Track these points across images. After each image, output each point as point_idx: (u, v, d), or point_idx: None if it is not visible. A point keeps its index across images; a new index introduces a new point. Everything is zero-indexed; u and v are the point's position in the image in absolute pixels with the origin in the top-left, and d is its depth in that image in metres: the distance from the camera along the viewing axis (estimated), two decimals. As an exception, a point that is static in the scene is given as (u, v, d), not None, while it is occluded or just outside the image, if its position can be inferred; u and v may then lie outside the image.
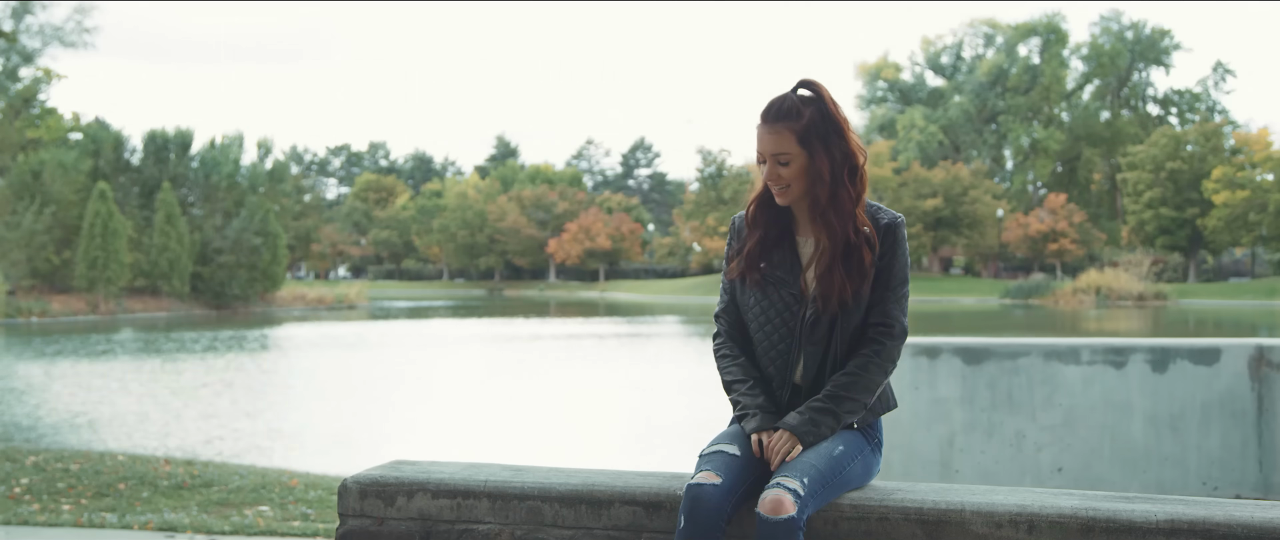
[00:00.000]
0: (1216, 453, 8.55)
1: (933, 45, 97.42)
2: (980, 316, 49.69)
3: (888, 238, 3.35)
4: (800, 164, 3.30)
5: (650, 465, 12.20)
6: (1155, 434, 8.62)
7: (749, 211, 3.48)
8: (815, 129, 3.30)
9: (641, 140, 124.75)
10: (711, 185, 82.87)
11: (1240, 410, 8.51)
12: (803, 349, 3.35)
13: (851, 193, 3.33)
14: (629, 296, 79.26)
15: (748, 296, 3.44)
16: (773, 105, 3.34)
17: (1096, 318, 48.82)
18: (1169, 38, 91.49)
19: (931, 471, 8.89)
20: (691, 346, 31.97)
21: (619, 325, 42.42)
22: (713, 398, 18.85)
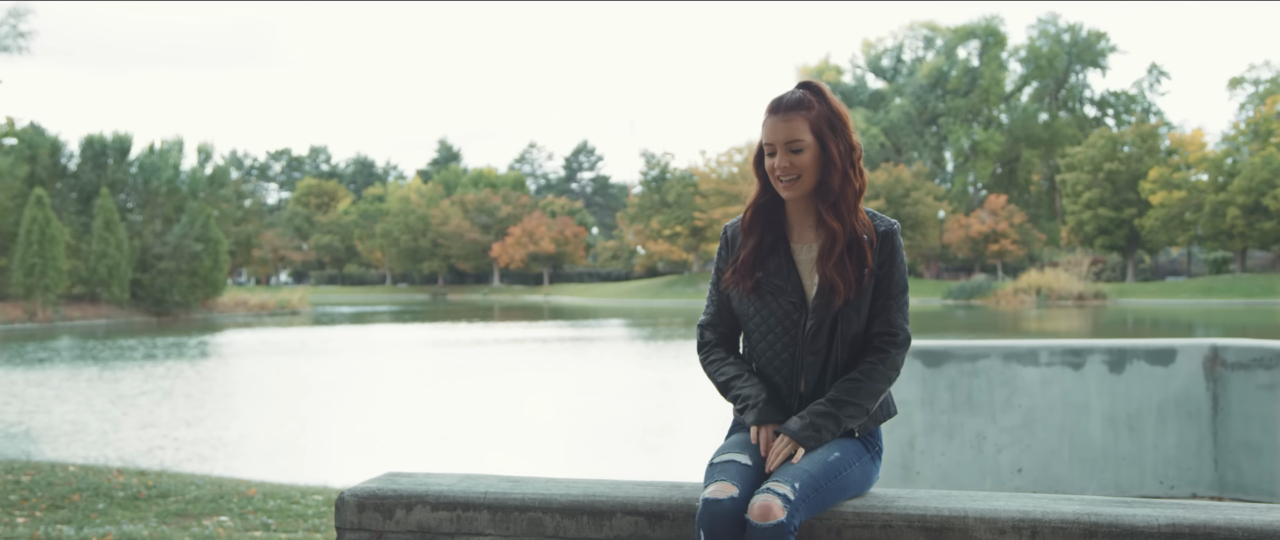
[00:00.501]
0: (1173, 452, 8.65)
1: (873, 48, 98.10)
2: (923, 317, 50.04)
3: (887, 244, 3.35)
4: (814, 152, 3.31)
5: (599, 471, 12.13)
6: (1113, 434, 8.71)
7: (745, 217, 3.45)
8: (825, 119, 3.32)
9: (584, 143, 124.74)
10: (655, 188, 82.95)
11: (1196, 410, 8.61)
12: (804, 358, 3.33)
13: (856, 186, 3.35)
14: (573, 300, 79.18)
15: (747, 306, 3.41)
16: (781, 98, 3.35)
17: (1038, 318, 49.32)
18: (1105, 40, 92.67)
19: (892, 474, 8.93)
20: (636, 350, 31.97)
21: (564, 329, 42.36)
22: (658, 400, 18.93)
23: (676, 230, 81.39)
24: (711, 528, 2.97)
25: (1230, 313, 51.52)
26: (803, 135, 3.30)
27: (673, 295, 75.33)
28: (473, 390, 21.13)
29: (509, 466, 12.48)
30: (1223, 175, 72.77)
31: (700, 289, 76.65)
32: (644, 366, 25.97)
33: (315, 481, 11.09)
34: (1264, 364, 8.40)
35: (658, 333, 39.42)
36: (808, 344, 3.32)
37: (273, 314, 58.78)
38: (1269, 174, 68.91)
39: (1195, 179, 73.64)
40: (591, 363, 27.18)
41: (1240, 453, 8.47)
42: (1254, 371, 8.42)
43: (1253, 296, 61.92)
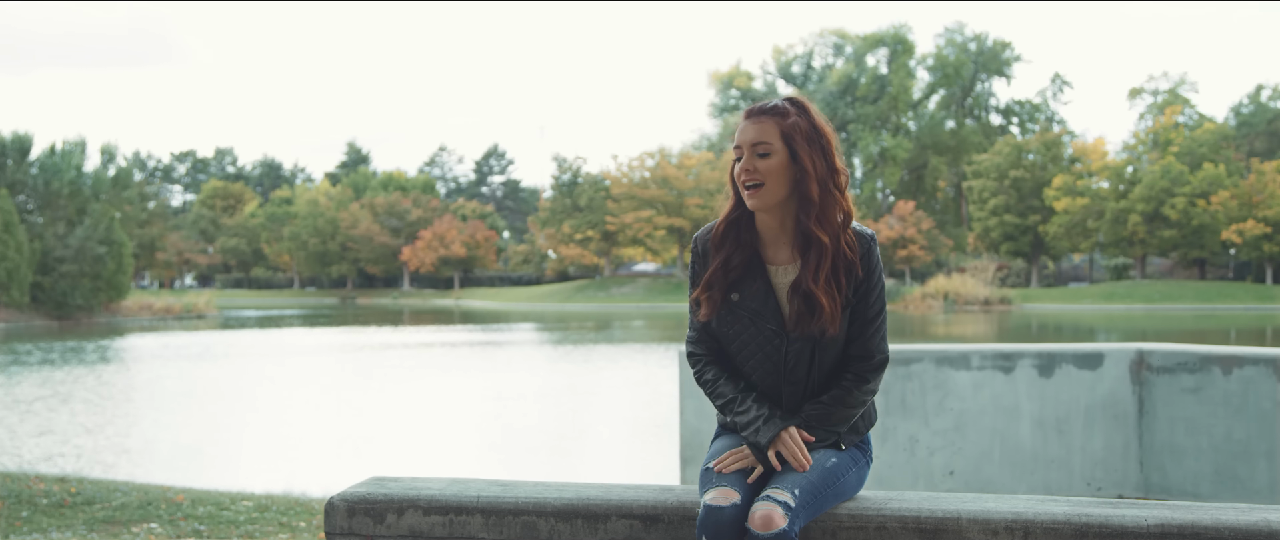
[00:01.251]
0: (1100, 454, 8.82)
1: (784, 54, 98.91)
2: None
3: (867, 261, 3.25)
4: (782, 160, 3.19)
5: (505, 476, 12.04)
6: (1042, 436, 8.87)
7: (717, 230, 3.32)
8: (800, 129, 3.20)
9: (495, 147, 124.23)
10: (567, 192, 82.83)
11: (1122, 413, 8.80)
12: (784, 383, 3.27)
13: (840, 205, 3.21)
14: (484, 304, 78.82)
15: (726, 329, 3.30)
16: (753, 106, 3.26)
17: (945, 322, 50.03)
18: (1010, 50, 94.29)
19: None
20: (546, 354, 31.89)
21: (474, 333, 42.14)
22: (568, 405, 18.87)
23: (588, 235, 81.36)
24: (714, 534, 2.96)
25: (1130, 318, 52.64)
26: (771, 139, 3.19)
27: (584, 300, 75.29)
28: (382, 395, 20.92)
29: (417, 471, 12.44)
30: (1124, 183, 74.41)
31: (612, 293, 76.72)
32: (554, 371, 25.92)
33: (229, 488, 10.93)
34: (1188, 368, 8.60)
35: (568, 337, 39.40)
36: (787, 374, 3.25)
37: (178, 318, 57.77)
38: (1168, 183, 70.56)
39: (1097, 187, 75.21)
40: (501, 367, 27.03)
41: (1165, 455, 8.67)
42: (1178, 376, 8.63)
43: (1152, 302, 63.32)
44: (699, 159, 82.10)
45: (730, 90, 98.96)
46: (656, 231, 79.29)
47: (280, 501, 9.60)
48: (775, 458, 3.15)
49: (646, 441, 15.19)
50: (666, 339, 37.64)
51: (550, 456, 14.17)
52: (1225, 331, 40.67)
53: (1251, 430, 8.34)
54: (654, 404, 18.78)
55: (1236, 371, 8.41)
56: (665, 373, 24.44)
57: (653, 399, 19.55)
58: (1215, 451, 8.46)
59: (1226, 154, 74.39)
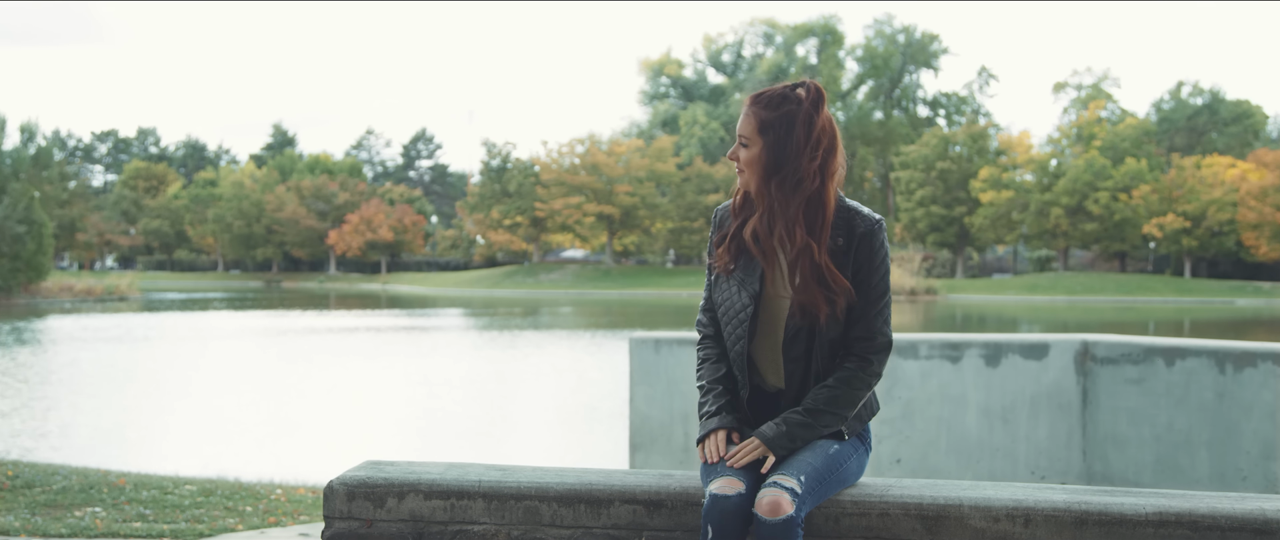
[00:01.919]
0: (1044, 443, 8.94)
1: (714, 43, 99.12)
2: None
3: (866, 245, 3.26)
4: (756, 151, 3.25)
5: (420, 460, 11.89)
6: (988, 425, 8.97)
7: (736, 200, 3.40)
8: (784, 124, 3.22)
9: (423, 131, 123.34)
10: (496, 178, 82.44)
11: (1066, 402, 8.92)
12: (782, 358, 3.31)
13: (822, 198, 3.24)
14: (411, 289, 78.31)
15: (721, 293, 3.39)
16: (762, 89, 3.31)
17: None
18: (937, 42, 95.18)
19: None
20: (471, 340, 31.70)
21: (400, 318, 41.84)
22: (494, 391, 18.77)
23: (517, 220, 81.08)
24: (720, 523, 2.98)
25: (1053, 310, 53.39)
26: (749, 131, 3.27)
27: (513, 285, 75.05)
28: (303, 378, 20.70)
29: (338, 458, 12.34)
30: (1048, 177, 75.44)
31: (540, 280, 76.56)
32: (479, 357, 25.78)
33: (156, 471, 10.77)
34: (1132, 359, 8.74)
35: (495, 322, 39.22)
36: (787, 348, 3.28)
37: (100, 300, 56.82)
38: (1091, 177, 71.67)
39: (1022, 179, 76.21)
40: (426, 352, 26.83)
41: (1108, 444, 8.80)
42: (1122, 366, 8.76)
43: (1074, 294, 64.26)
44: (629, 146, 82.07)
45: (660, 78, 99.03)
46: (586, 218, 79.19)
47: (224, 486, 9.49)
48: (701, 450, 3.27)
49: (582, 427, 15.15)
50: (595, 326, 37.66)
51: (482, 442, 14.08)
52: (1144, 323, 41.40)
53: (1193, 421, 8.50)
54: (582, 390, 18.77)
55: (1179, 363, 8.56)
56: (593, 359, 24.45)
57: (580, 385, 19.53)
58: (1157, 441, 8.61)
59: (1148, 149, 75.72)
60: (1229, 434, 8.40)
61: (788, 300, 3.28)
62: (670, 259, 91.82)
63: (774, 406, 3.34)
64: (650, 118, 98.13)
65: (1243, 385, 8.38)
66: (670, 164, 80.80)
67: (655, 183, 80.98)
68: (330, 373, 21.77)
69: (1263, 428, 8.31)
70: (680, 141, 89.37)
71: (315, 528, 7.83)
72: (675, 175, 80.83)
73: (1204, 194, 70.01)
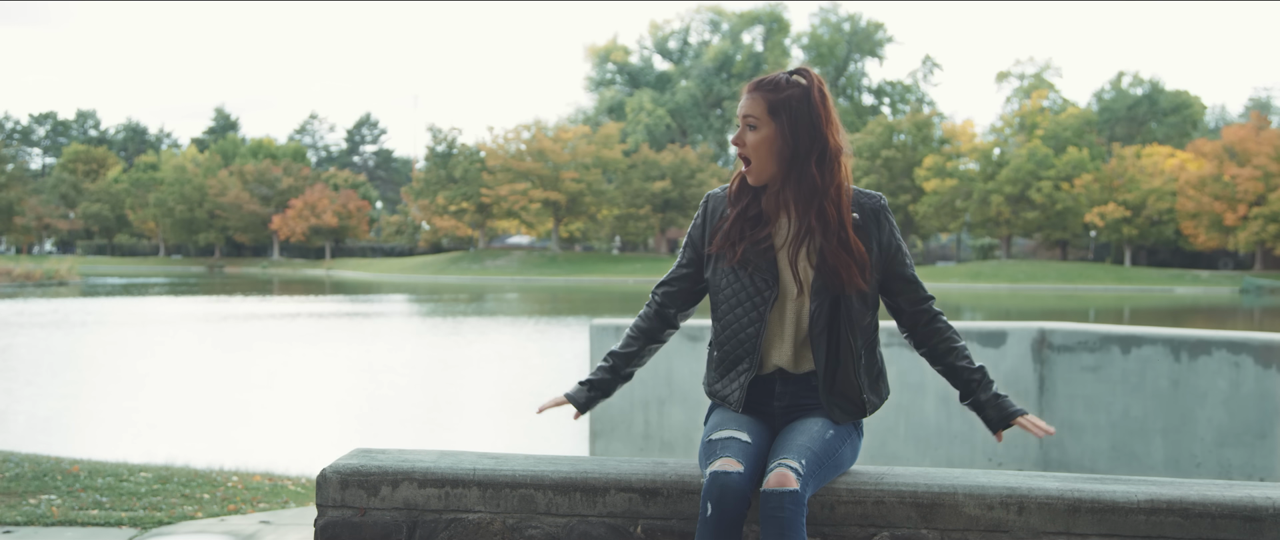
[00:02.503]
0: (1000, 430, 9.02)
1: (661, 30, 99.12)
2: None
3: (884, 220, 3.36)
4: (766, 134, 3.28)
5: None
6: (946, 413, 9.04)
7: (732, 186, 3.42)
8: (791, 106, 3.26)
9: (367, 116, 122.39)
10: (441, 163, 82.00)
11: (1024, 389, 9.01)
12: (795, 337, 3.33)
13: (820, 180, 3.28)
14: (356, 275, 77.79)
15: (720, 278, 3.39)
16: (759, 76, 3.34)
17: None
18: (882, 31, 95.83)
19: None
20: (415, 326, 31.50)
21: (344, 304, 41.52)
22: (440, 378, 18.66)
23: (463, 206, 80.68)
24: (720, 500, 2.98)
25: (996, 297, 53.85)
26: (757, 113, 3.28)
27: (458, 271, 74.75)
28: (247, 365, 20.46)
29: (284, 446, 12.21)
30: (991, 165, 76.10)
31: (486, 266, 76.29)
32: (424, 343, 25.63)
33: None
34: (1088, 347, 8.84)
35: (440, 308, 39.02)
36: (811, 324, 3.30)
37: (38, 285, 55.97)
38: (1033, 166, 72.37)
39: (965, 168, 76.82)
40: (371, 338, 26.59)
41: (1064, 431, 8.90)
42: (1078, 354, 8.86)
43: (1016, 282, 64.87)
44: (575, 132, 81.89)
45: (607, 64, 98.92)
46: (532, 204, 78.95)
47: (180, 473, 9.39)
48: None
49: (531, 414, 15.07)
50: (541, 312, 37.59)
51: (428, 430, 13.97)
52: (1085, 311, 41.82)
53: (1148, 408, 8.61)
54: (529, 376, 18.72)
55: (1135, 351, 8.67)
56: (538, 346, 24.38)
57: (525, 372, 19.47)
58: (1113, 428, 8.72)
59: (1089, 139, 76.56)
60: (1184, 421, 8.52)
61: (796, 282, 3.32)
62: (616, 245, 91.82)
63: (790, 388, 3.36)
64: (596, 104, 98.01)
65: (1197, 373, 8.50)
66: (617, 151, 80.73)
67: (602, 169, 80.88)
68: (273, 359, 21.55)
69: (1217, 415, 8.43)
70: (627, 128, 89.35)
71: (276, 515, 7.77)
72: (622, 162, 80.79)
73: (1144, 183, 70.86)
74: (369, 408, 15.56)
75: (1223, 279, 64.89)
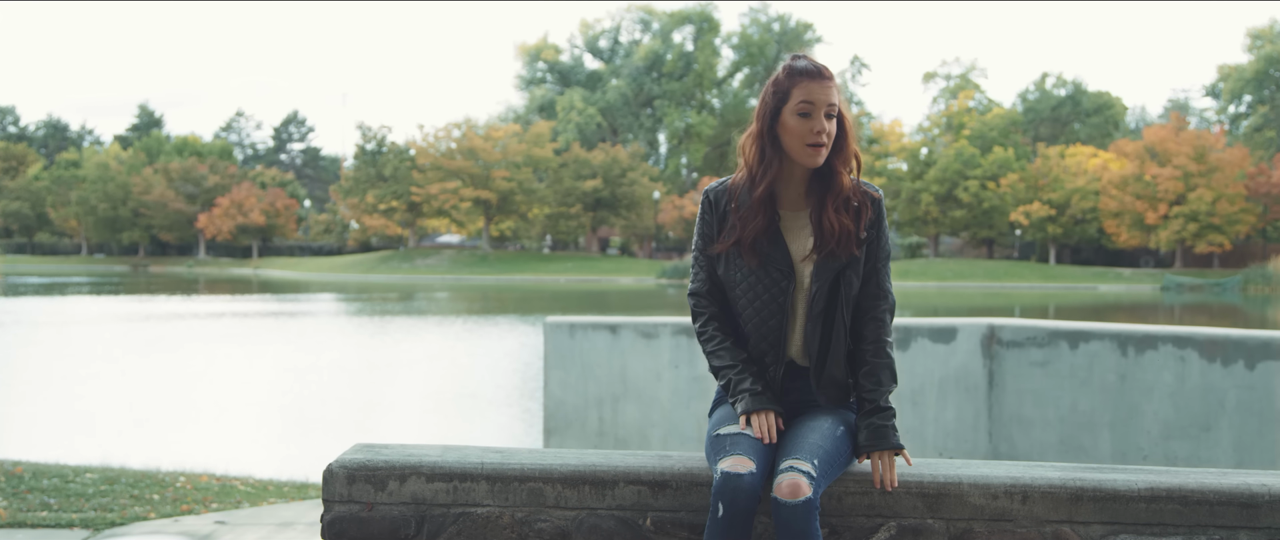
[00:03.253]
0: (952, 425, 9.14)
1: (591, 28, 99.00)
2: (637, 296, 50.98)
3: (876, 210, 3.41)
4: (837, 119, 3.35)
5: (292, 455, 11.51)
6: (898, 408, 9.11)
7: (759, 189, 3.38)
8: (839, 88, 3.37)
9: (295, 114, 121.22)
10: (371, 161, 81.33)
11: (973, 385, 9.12)
12: (804, 323, 3.36)
13: (858, 156, 3.43)
14: (284, 274, 77.03)
15: (735, 273, 3.39)
16: (813, 64, 3.34)
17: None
18: (811, 31, 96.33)
19: (689, 449, 9.12)
20: (340, 325, 31.23)
21: (271, 303, 41.05)
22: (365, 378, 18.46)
23: (393, 205, 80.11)
24: (732, 500, 3.00)
25: (925, 295, 54.50)
26: (837, 101, 3.32)
27: (388, 270, 74.26)
28: (163, 367, 20.10)
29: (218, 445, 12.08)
30: (919, 165, 76.89)
31: (416, 264, 75.85)
32: (351, 342, 25.39)
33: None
34: (1037, 343, 8.96)
35: (370, 308, 38.71)
36: (809, 306, 3.33)
37: (-43, 284, 54.95)
38: (960, 165, 73.22)
39: (894, 167, 77.55)
40: (299, 337, 26.30)
41: (1013, 426, 9.03)
42: (1027, 349, 8.98)
43: (944, 280, 65.59)
44: (506, 131, 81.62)
45: (537, 63, 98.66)
46: (462, 203, 78.54)
47: (128, 474, 9.29)
48: (746, 424, 3.25)
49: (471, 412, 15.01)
50: (472, 311, 37.45)
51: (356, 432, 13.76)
52: (1010, 309, 42.39)
53: (1096, 402, 8.75)
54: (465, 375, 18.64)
55: (1083, 346, 8.80)
56: (467, 345, 24.28)
57: (454, 370, 19.39)
58: (1061, 422, 8.85)
59: (1015, 138, 77.60)
60: (1131, 414, 8.67)
61: (805, 269, 3.36)
62: (547, 244, 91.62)
63: (799, 382, 3.40)
64: (527, 103, 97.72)
65: (1144, 367, 8.65)
66: (548, 149, 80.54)
67: (532, 168, 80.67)
68: (199, 359, 21.25)
69: (1162, 408, 8.59)
70: (557, 127, 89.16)
71: (231, 515, 7.71)
72: (553, 161, 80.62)
73: (1068, 183, 71.92)
74: (298, 409, 15.38)
75: (1144, 276, 66.00)
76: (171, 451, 11.61)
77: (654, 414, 9.23)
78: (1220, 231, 66.45)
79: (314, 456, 11.38)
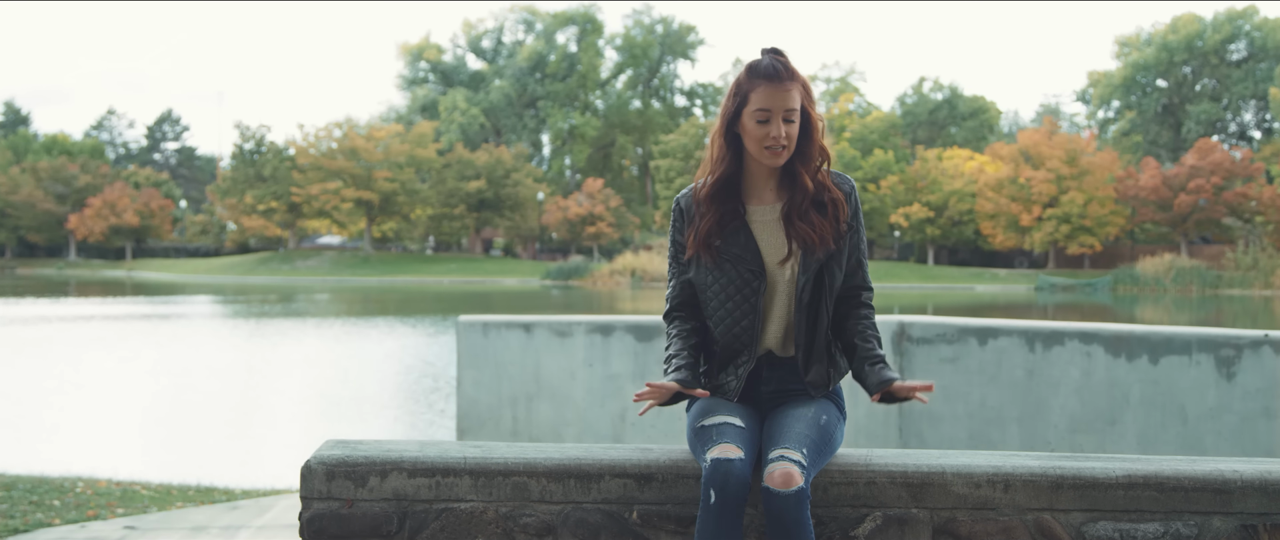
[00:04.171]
0: (863, 421, 9.23)
1: (474, 28, 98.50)
2: (522, 297, 50.83)
3: (851, 203, 3.43)
4: (799, 122, 3.35)
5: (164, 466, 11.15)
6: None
7: (707, 189, 3.43)
8: (805, 89, 3.36)
9: (169, 112, 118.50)
10: (249, 161, 79.89)
11: (884, 381, 9.22)
12: (789, 316, 3.38)
13: (826, 153, 3.43)
14: (159, 276, 75.31)
15: (704, 275, 3.41)
16: (774, 65, 3.33)
17: (633, 298, 50.98)
18: (694, 33, 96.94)
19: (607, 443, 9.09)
20: (217, 327, 30.54)
21: (143, 306, 40.06)
22: (243, 383, 18.05)
23: (272, 206, 78.73)
24: (724, 486, 2.99)
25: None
26: (797, 104, 3.32)
27: (268, 272, 73.07)
28: (34, 372, 19.35)
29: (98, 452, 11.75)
30: (801, 167, 77.80)
31: (296, 266, 74.76)
32: (227, 345, 24.80)
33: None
34: (946, 340, 9.11)
35: (249, 310, 37.95)
36: (796, 299, 3.35)
37: None
38: (842, 167, 74.21)
39: (780, 169, 78.35)
40: (173, 341, 25.60)
41: (923, 422, 9.16)
42: (937, 346, 9.12)
43: (827, 280, 66.29)
44: (388, 131, 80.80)
45: (419, 63, 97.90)
46: (344, 204, 77.55)
47: (24, 481, 9.02)
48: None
49: (355, 416, 14.75)
50: (353, 313, 36.99)
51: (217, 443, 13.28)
52: (889, 308, 43.06)
53: (1004, 397, 8.92)
54: (343, 378, 18.36)
55: (991, 342, 8.96)
56: (345, 347, 23.95)
57: (335, 374, 19.08)
58: (970, 417, 9.00)
59: (894, 141, 78.90)
60: (1038, 409, 8.84)
61: (780, 260, 3.37)
62: (430, 246, 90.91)
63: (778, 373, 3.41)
64: (410, 103, 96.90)
65: (1051, 363, 8.84)
66: (431, 150, 79.90)
67: (415, 169, 79.95)
68: (72, 363, 20.59)
69: (1069, 403, 8.78)
70: (440, 127, 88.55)
71: (140, 520, 7.54)
72: (436, 161, 80.00)
73: (946, 185, 73.35)
74: (176, 414, 14.94)
75: (1019, 277, 67.52)
76: (52, 458, 11.19)
77: (568, 412, 9.20)
78: (1091, 233, 68.25)
79: (206, 460, 11.13)
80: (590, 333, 9.21)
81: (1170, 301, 49.77)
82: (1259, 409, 8.11)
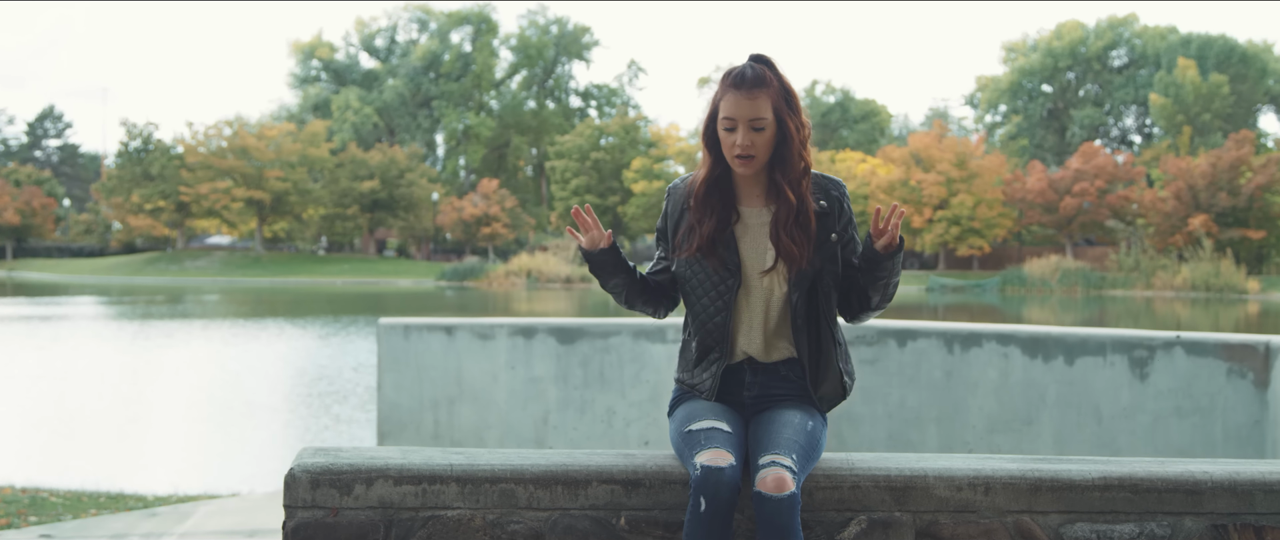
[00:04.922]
0: (784, 422, 9.30)
1: (367, 27, 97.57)
2: (416, 298, 50.44)
3: (844, 203, 3.46)
4: (772, 131, 3.34)
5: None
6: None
7: (700, 192, 3.45)
8: (783, 96, 3.36)
9: (51, 109, 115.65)
10: (136, 160, 78.19)
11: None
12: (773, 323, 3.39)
13: (807, 163, 3.40)
14: (41, 276, 73.49)
15: (685, 269, 3.43)
16: (743, 72, 3.34)
17: (528, 299, 50.88)
18: (589, 34, 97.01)
19: (526, 448, 9.05)
20: (96, 329, 29.80)
21: (24, 307, 39.03)
22: (127, 388, 17.65)
23: (160, 205, 77.16)
24: (714, 494, 3.00)
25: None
26: (765, 113, 3.32)
27: (155, 272, 71.65)
28: None
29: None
30: (696, 168, 78.18)
31: (185, 266, 73.41)
32: (114, 349, 24.18)
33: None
34: (866, 341, 9.20)
35: (135, 312, 37.11)
36: (793, 320, 3.36)
37: None
38: (732, 168, 74.77)
39: (672, 170, 78.67)
40: (49, 344, 24.89)
41: (843, 423, 9.24)
42: (857, 348, 9.21)
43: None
44: (280, 130, 79.67)
45: (311, 61, 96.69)
46: (234, 203, 76.31)
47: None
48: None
49: (244, 422, 14.46)
50: (243, 314, 36.39)
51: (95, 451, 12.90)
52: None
53: (923, 398, 9.04)
54: (237, 383, 18.04)
55: (911, 343, 9.09)
56: (237, 349, 23.56)
57: (228, 379, 18.72)
58: (890, 419, 9.11)
59: (788, 144, 79.51)
60: (956, 410, 8.98)
61: (763, 269, 3.38)
62: (323, 246, 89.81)
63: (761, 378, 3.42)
64: (301, 101, 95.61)
65: (969, 364, 8.98)
66: (324, 149, 78.95)
67: (308, 168, 78.92)
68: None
69: (986, 403, 8.93)
70: (333, 126, 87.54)
71: (56, 528, 7.36)
72: (329, 161, 79.04)
73: (839, 187, 74.14)
74: (57, 422, 14.52)
75: (910, 278, 68.50)
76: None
77: (490, 415, 9.15)
78: (980, 235, 69.51)
79: (102, 466, 10.81)
80: (512, 335, 9.16)
81: (1056, 302, 50.80)
82: (1171, 409, 8.33)
